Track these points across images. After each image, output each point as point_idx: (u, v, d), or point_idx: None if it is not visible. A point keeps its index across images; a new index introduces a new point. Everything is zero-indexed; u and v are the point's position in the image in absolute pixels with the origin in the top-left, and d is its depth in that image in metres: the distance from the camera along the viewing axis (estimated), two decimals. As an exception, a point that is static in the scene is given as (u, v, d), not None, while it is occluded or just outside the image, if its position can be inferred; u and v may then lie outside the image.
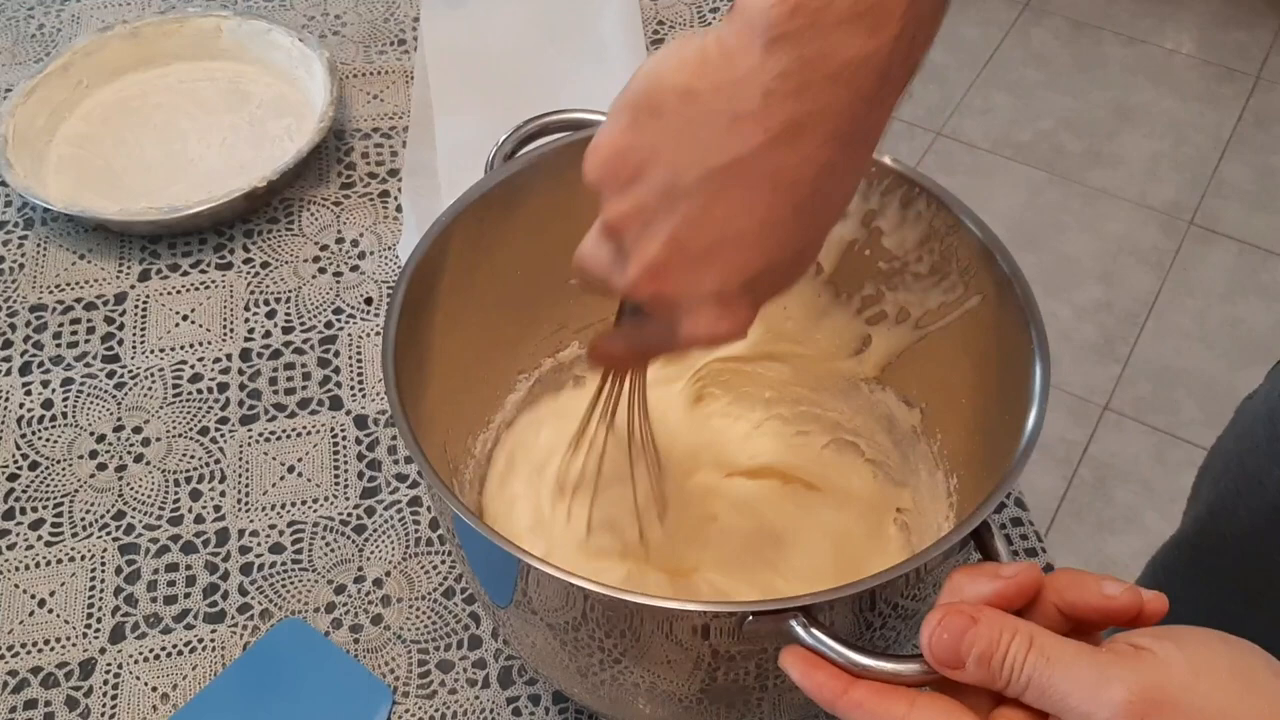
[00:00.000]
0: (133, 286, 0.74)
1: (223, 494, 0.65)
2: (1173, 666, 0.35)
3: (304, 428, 0.67)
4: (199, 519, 0.64)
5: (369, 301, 0.73)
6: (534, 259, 0.58)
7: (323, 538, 0.63)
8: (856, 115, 0.38)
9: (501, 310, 0.58)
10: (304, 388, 0.69)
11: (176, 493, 0.65)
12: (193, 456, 0.66)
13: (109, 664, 0.59)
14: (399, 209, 0.78)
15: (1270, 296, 1.72)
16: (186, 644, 0.60)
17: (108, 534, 0.63)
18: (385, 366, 0.47)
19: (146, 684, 0.58)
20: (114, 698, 0.58)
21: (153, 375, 0.70)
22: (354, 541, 0.63)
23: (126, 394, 0.69)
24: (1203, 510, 0.78)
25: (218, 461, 0.66)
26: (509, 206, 0.56)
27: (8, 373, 0.70)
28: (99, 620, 0.60)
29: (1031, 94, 2.00)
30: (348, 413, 0.68)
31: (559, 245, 0.58)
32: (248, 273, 0.74)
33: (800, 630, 0.40)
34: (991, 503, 0.44)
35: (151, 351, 0.71)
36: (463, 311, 0.55)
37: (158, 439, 0.67)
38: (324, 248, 0.76)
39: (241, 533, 0.63)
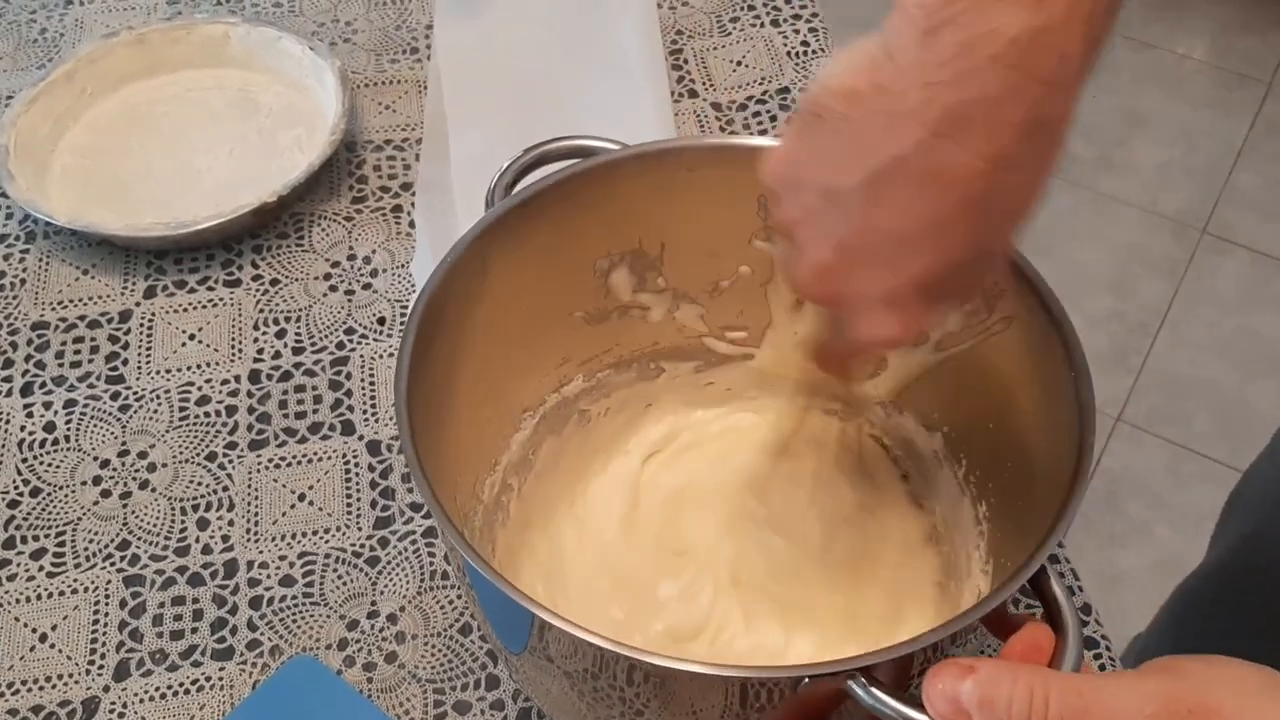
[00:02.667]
0: (138, 304, 0.72)
1: (231, 523, 0.63)
2: (1207, 677, 0.36)
3: (315, 453, 0.65)
4: (206, 549, 0.62)
5: (382, 321, 0.71)
6: (538, 294, 0.56)
7: (335, 570, 0.61)
8: (1031, 101, 0.36)
9: (506, 349, 0.56)
10: (315, 411, 0.67)
11: (183, 521, 0.63)
12: (200, 483, 0.64)
13: (113, 703, 0.57)
14: (412, 225, 0.75)
15: (1284, 308, 1.71)
16: (194, 682, 0.58)
17: (112, 564, 0.61)
18: (401, 423, 0.45)
19: (152, 724, 0.56)
20: (119, 738, 0.56)
21: (158, 397, 0.67)
22: (367, 574, 0.61)
23: (131, 417, 0.67)
24: (1235, 539, 0.76)
25: (226, 489, 0.64)
26: (512, 241, 0.54)
27: (9, 394, 0.68)
28: (103, 656, 0.58)
29: (1042, 99, 1.98)
30: (360, 438, 0.66)
31: (562, 277, 0.57)
32: (257, 290, 0.72)
33: (860, 691, 0.38)
34: (1047, 547, 0.42)
35: (157, 372, 0.69)
36: (469, 354, 0.53)
37: (164, 464, 0.65)
38: (335, 264, 0.74)
39: (251, 564, 0.61)
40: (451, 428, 0.52)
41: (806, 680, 0.38)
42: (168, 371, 0.69)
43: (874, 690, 0.38)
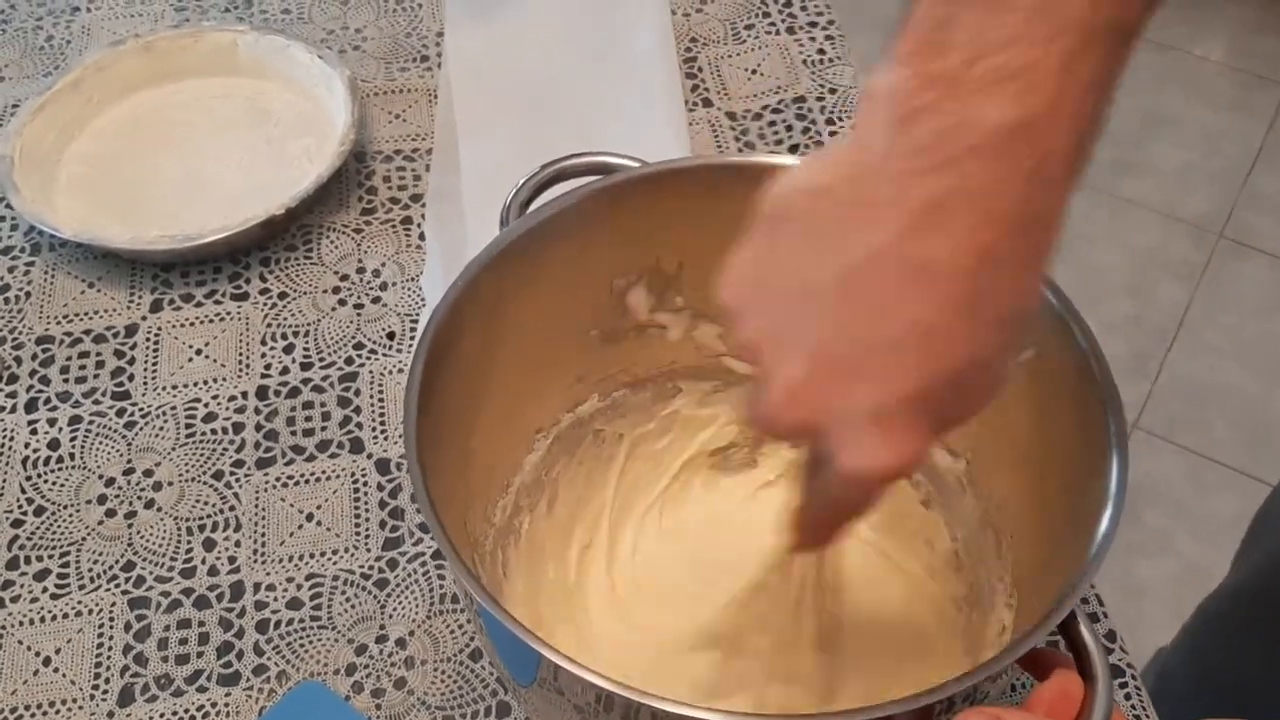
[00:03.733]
0: (144, 318, 0.70)
1: (238, 544, 0.62)
2: None
3: (323, 472, 0.64)
4: (213, 571, 0.61)
5: (391, 336, 0.70)
6: (553, 313, 0.55)
7: (343, 593, 0.60)
8: (1016, 194, 0.33)
9: (520, 369, 0.55)
10: (323, 429, 0.66)
11: (189, 542, 0.62)
12: (206, 502, 0.63)
13: (117, 730, 0.56)
14: (422, 237, 0.74)
15: (1304, 313, 1.69)
16: (199, 708, 0.56)
17: (116, 586, 0.60)
18: (409, 450, 0.44)
19: (157, 752, 0.55)
20: (122, 766, 0.55)
21: (164, 414, 0.66)
22: (376, 597, 0.60)
23: (137, 434, 0.66)
24: (1263, 559, 0.75)
25: (232, 508, 0.63)
26: (528, 260, 0.52)
27: (13, 409, 0.66)
28: (107, 681, 0.57)
29: (1059, 101, 1.96)
30: (369, 456, 0.65)
31: (578, 295, 0.56)
32: (264, 304, 0.71)
33: None
34: (1075, 594, 0.40)
35: (163, 388, 0.67)
36: (481, 376, 0.52)
37: (170, 483, 0.64)
38: (344, 278, 0.72)
39: (257, 586, 0.60)
40: (462, 451, 0.51)
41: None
42: (174, 387, 0.67)
43: None
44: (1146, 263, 1.75)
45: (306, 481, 0.64)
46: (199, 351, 0.69)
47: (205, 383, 0.68)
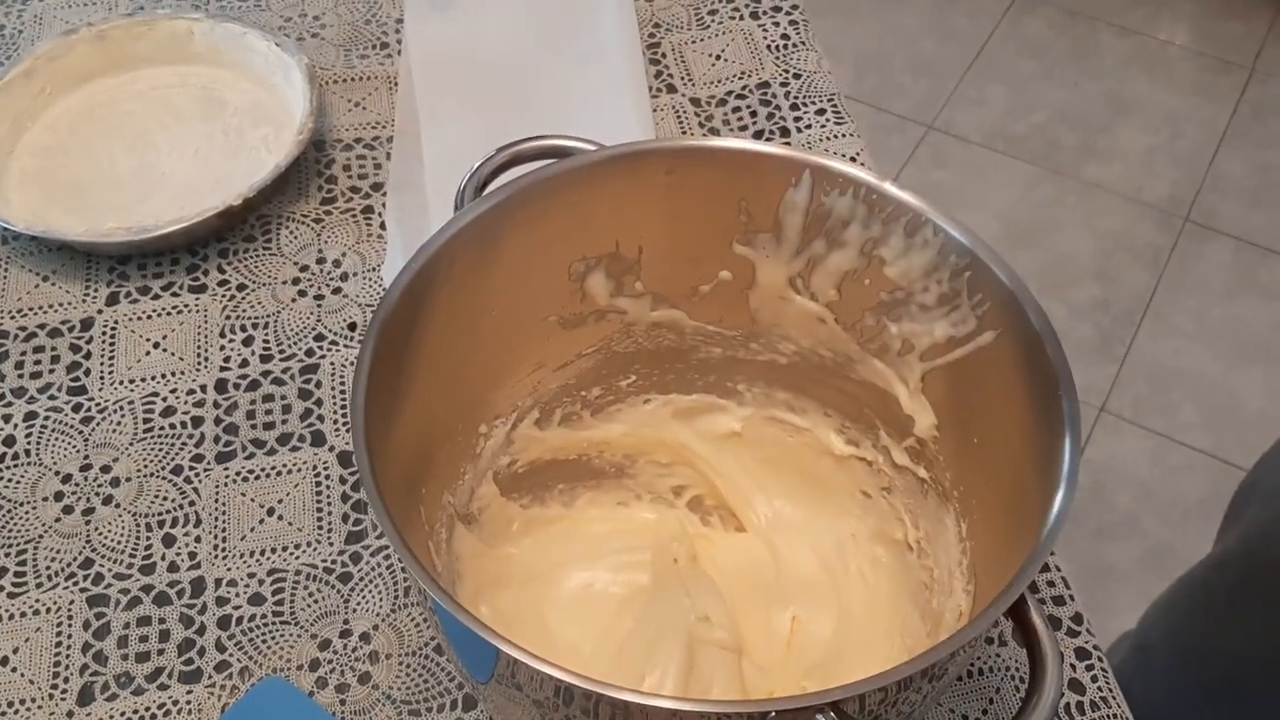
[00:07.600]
0: (100, 311, 0.69)
1: (198, 539, 0.61)
2: None
3: (284, 466, 0.63)
4: (173, 567, 0.60)
5: (353, 327, 0.69)
6: (510, 298, 0.54)
7: (305, 587, 0.59)
8: None
9: (475, 355, 0.54)
10: (284, 422, 0.65)
11: (148, 538, 0.61)
12: (165, 498, 0.62)
13: (76, 730, 0.55)
14: (383, 226, 0.73)
15: (1269, 295, 1.70)
16: (160, 706, 0.56)
17: (75, 584, 0.59)
18: (356, 441, 0.43)
19: (116, 752, 0.54)
20: (81, 767, 0.54)
21: (122, 409, 0.65)
22: (339, 591, 0.59)
23: (94, 429, 0.64)
24: (1252, 529, 0.74)
25: (192, 504, 0.62)
26: (483, 244, 0.52)
27: (-34, 406, 0.65)
28: (66, 681, 0.56)
29: (1025, 86, 1.97)
30: (331, 449, 0.64)
31: (536, 281, 0.55)
32: (223, 296, 0.70)
33: None
34: (1022, 580, 0.40)
35: (120, 383, 0.66)
36: (435, 363, 0.51)
37: (128, 479, 0.63)
38: (304, 268, 0.71)
39: (218, 582, 0.59)
40: (416, 438, 0.50)
41: (773, 715, 0.37)
42: (131, 382, 0.66)
43: None
44: (1112, 247, 1.76)
45: (267, 475, 0.63)
46: (156, 345, 0.68)
47: (163, 376, 0.67)
